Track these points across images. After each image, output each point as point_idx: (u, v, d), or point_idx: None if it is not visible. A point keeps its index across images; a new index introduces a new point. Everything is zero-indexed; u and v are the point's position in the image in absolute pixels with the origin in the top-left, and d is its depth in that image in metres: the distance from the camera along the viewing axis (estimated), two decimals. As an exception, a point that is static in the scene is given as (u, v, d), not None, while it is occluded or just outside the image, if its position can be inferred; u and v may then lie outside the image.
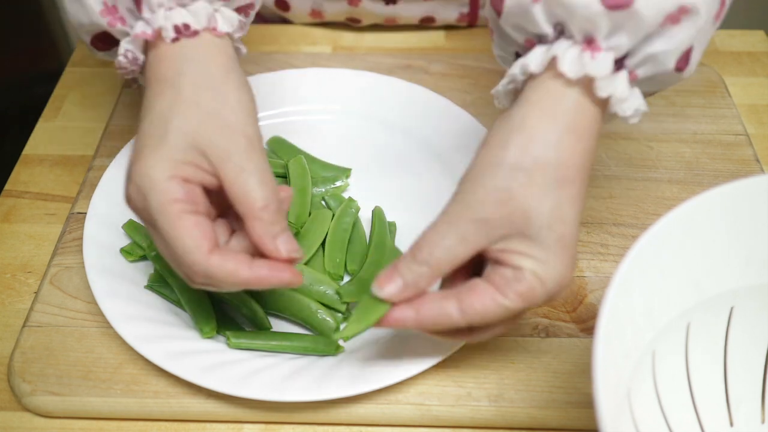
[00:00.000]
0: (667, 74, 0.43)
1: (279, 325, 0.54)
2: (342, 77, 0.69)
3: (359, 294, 0.54)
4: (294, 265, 0.45)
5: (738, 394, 0.46)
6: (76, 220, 0.60)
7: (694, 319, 0.45)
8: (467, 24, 0.80)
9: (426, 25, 0.80)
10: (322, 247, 0.57)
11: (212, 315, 0.52)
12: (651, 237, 0.39)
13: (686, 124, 0.68)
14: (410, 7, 0.77)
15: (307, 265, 0.56)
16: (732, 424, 0.46)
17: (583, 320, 0.54)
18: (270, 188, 0.44)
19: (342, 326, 0.53)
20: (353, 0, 0.76)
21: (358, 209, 0.60)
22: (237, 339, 0.51)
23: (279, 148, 0.65)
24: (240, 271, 0.43)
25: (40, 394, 0.50)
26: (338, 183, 0.62)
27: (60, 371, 0.51)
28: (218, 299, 0.54)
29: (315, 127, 0.67)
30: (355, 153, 0.65)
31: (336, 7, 0.77)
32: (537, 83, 0.43)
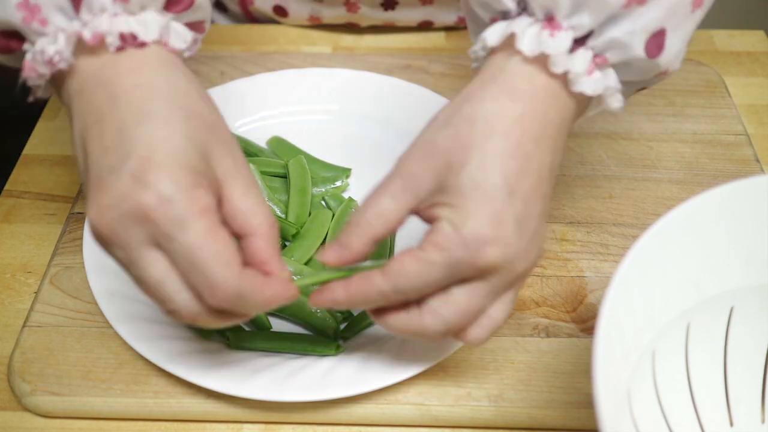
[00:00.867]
0: (641, 60, 0.42)
1: (279, 325, 0.54)
2: (342, 77, 0.69)
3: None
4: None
5: (738, 394, 0.46)
6: (76, 220, 0.60)
7: (694, 319, 0.45)
8: (466, 26, 0.80)
9: (424, 29, 0.80)
10: (322, 247, 0.57)
11: (212, 315, 0.52)
12: (651, 237, 0.39)
13: (686, 124, 0.68)
14: (408, 13, 0.77)
15: (307, 265, 0.56)
16: (732, 424, 0.46)
17: (583, 320, 0.54)
18: (269, 209, 0.42)
19: (342, 326, 0.53)
20: (351, 6, 0.76)
21: (358, 209, 0.60)
22: (237, 339, 0.51)
23: (279, 148, 0.65)
24: (266, 288, 0.39)
25: (40, 394, 0.50)
26: (338, 183, 0.62)
27: (60, 371, 0.51)
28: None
29: (315, 127, 0.67)
30: (355, 153, 0.65)
31: (334, 13, 0.77)
32: (492, 59, 0.43)
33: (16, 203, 0.63)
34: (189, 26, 0.46)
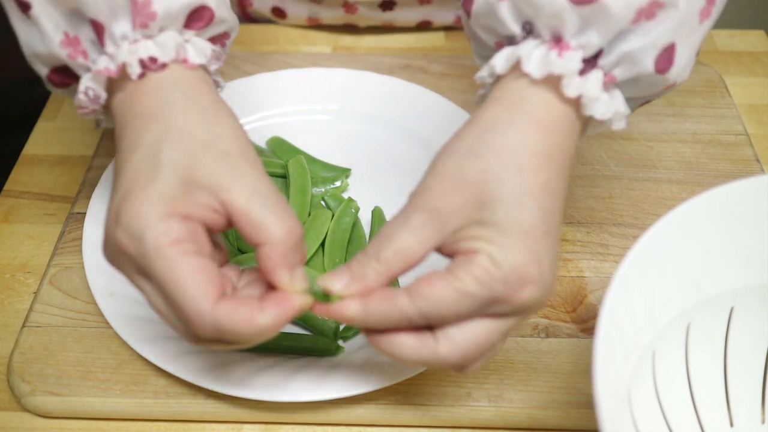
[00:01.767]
0: (650, 76, 0.41)
1: (279, 325, 0.54)
2: (342, 77, 0.69)
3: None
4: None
5: (738, 394, 0.46)
6: (76, 220, 0.60)
7: (694, 319, 0.45)
8: None
9: (423, 29, 0.80)
10: (322, 247, 0.57)
11: (212, 315, 0.52)
12: (651, 237, 0.39)
13: (686, 124, 0.68)
14: (407, 13, 0.77)
15: (307, 265, 0.56)
16: (732, 424, 0.46)
17: (583, 320, 0.54)
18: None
19: (342, 326, 0.53)
20: (350, 8, 0.76)
21: (358, 209, 0.60)
22: (237, 339, 0.51)
23: (279, 148, 0.65)
24: (256, 318, 0.37)
25: (40, 394, 0.50)
26: (338, 183, 0.62)
27: (59, 371, 0.51)
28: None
29: (315, 127, 0.67)
30: (355, 153, 0.65)
31: (332, 14, 0.77)
32: (501, 83, 0.41)
33: (16, 203, 0.63)
34: (213, 39, 0.47)
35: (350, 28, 0.80)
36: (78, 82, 0.44)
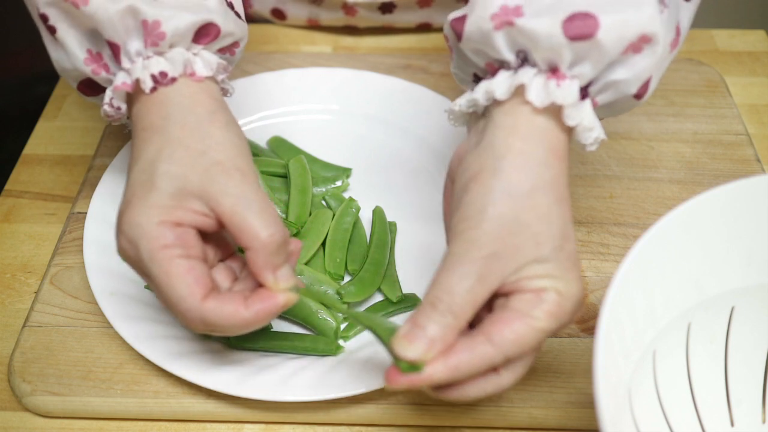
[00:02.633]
0: (627, 101, 0.44)
1: (279, 325, 0.54)
2: (342, 77, 0.69)
3: (360, 294, 0.54)
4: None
5: (739, 394, 0.46)
6: (76, 220, 0.60)
7: (695, 319, 0.45)
8: None
9: (423, 30, 0.80)
10: (323, 247, 0.57)
11: (212, 315, 0.52)
12: (651, 237, 0.39)
13: (687, 124, 0.68)
14: (406, 15, 0.77)
15: (308, 265, 0.56)
16: (733, 424, 0.46)
17: (584, 320, 0.54)
18: (275, 220, 0.43)
19: (342, 326, 0.53)
20: (349, 10, 0.76)
21: (359, 209, 0.60)
22: (237, 339, 0.51)
23: (279, 148, 0.65)
24: (240, 313, 0.42)
25: (40, 394, 0.50)
26: (338, 183, 0.62)
27: (60, 371, 0.51)
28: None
29: (315, 127, 0.67)
30: (355, 153, 0.65)
31: (332, 16, 0.77)
32: (506, 109, 0.42)
33: (16, 203, 0.63)
34: (222, 50, 0.50)
35: (350, 30, 0.80)
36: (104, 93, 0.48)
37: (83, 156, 0.67)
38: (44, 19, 0.46)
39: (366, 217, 0.60)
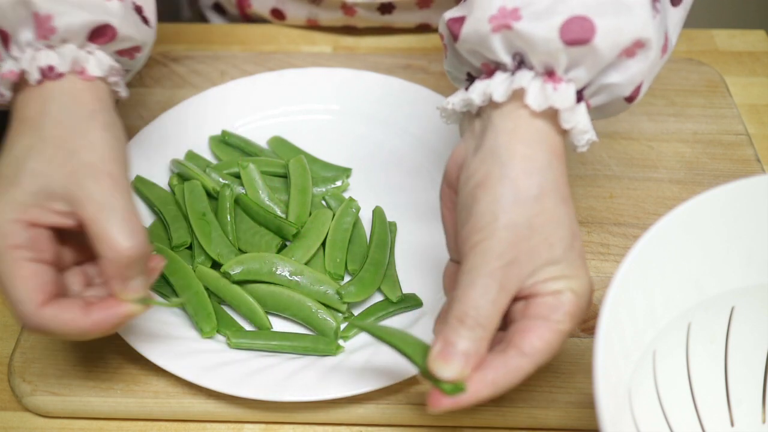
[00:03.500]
0: (618, 104, 0.44)
1: (279, 325, 0.54)
2: (342, 77, 0.69)
3: (360, 294, 0.53)
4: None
5: (739, 394, 0.46)
6: (77, 220, 0.60)
7: (695, 319, 0.45)
8: None
9: (423, 31, 0.80)
10: (323, 247, 0.57)
11: (212, 315, 0.52)
12: (652, 237, 0.39)
13: (687, 124, 0.68)
14: (405, 16, 0.77)
15: (308, 265, 0.56)
16: (733, 424, 0.46)
17: (584, 320, 0.54)
18: (137, 233, 0.42)
19: (342, 326, 0.53)
20: (349, 10, 0.76)
21: (359, 209, 0.60)
22: (237, 339, 0.51)
23: (279, 148, 0.65)
24: (78, 320, 0.42)
25: (41, 394, 0.50)
26: (338, 183, 0.62)
27: (60, 371, 0.51)
28: (219, 299, 0.54)
29: (315, 127, 0.67)
30: (355, 153, 0.65)
31: (331, 16, 0.77)
32: (505, 112, 0.43)
33: (17, 203, 0.63)
34: (121, 52, 0.49)
35: (348, 31, 0.80)
36: None
37: (83, 156, 0.67)
38: None
39: (366, 217, 0.60)
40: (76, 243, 0.45)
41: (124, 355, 0.51)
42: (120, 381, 0.50)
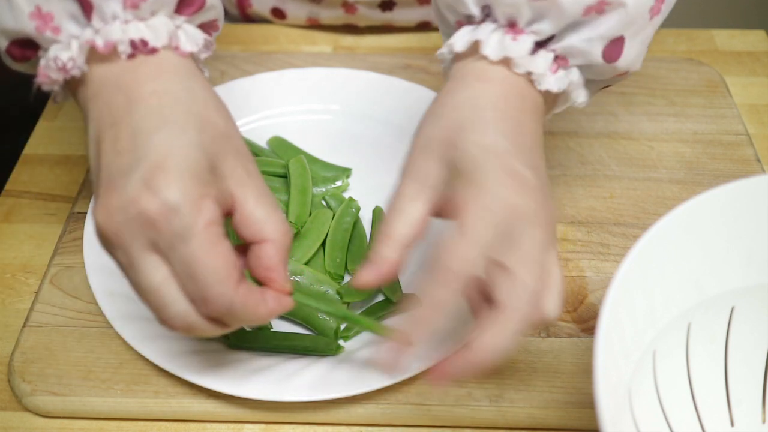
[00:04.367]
0: (600, 65, 0.45)
1: (279, 325, 0.54)
2: (342, 77, 0.69)
3: (360, 294, 0.53)
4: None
5: (739, 394, 0.46)
6: (76, 220, 0.60)
7: (695, 319, 0.45)
8: None
9: (424, 29, 0.80)
10: (323, 247, 0.57)
11: (212, 315, 0.52)
12: (652, 237, 0.39)
13: (687, 124, 0.68)
14: (406, 13, 0.77)
15: (308, 265, 0.56)
16: (733, 424, 0.46)
17: (584, 320, 0.54)
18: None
19: (342, 326, 0.53)
20: (349, 8, 0.76)
21: (359, 209, 0.60)
22: (237, 339, 0.51)
23: (279, 148, 0.65)
24: (259, 307, 0.40)
25: (40, 394, 0.50)
26: (338, 183, 0.62)
27: (60, 371, 0.51)
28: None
29: (315, 127, 0.67)
30: (355, 153, 0.65)
31: (332, 15, 0.77)
32: (463, 63, 0.45)
33: (16, 203, 0.63)
34: (202, 27, 0.47)
35: (350, 28, 0.80)
36: (38, 55, 0.43)
37: (83, 156, 0.67)
38: None
39: (366, 217, 0.60)
40: None
41: (124, 355, 0.51)
42: (120, 381, 0.50)
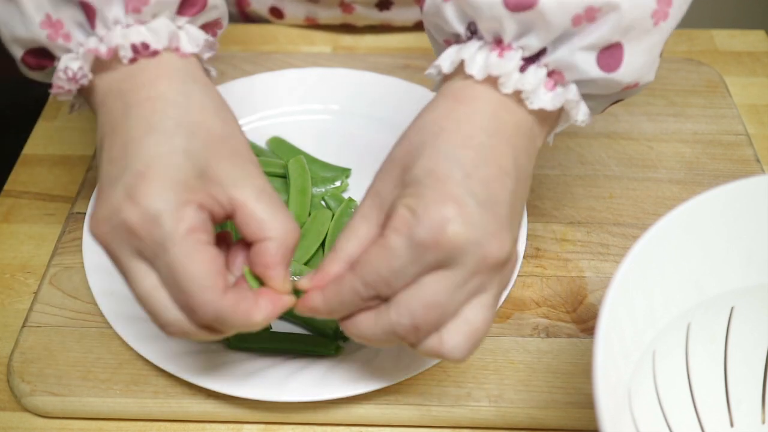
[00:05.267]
0: (600, 78, 0.41)
1: (279, 325, 0.54)
2: (342, 77, 0.69)
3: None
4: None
5: (738, 394, 0.46)
6: (76, 220, 0.60)
7: (695, 319, 0.45)
8: None
9: (422, 29, 0.80)
10: (322, 248, 0.57)
11: (212, 315, 0.52)
12: (651, 237, 0.39)
13: (686, 124, 0.68)
14: (404, 12, 0.77)
15: (307, 265, 0.56)
16: (732, 424, 0.46)
17: (584, 320, 0.54)
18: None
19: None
20: (347, 7, 0.76)
21: (358, 209, 0.60)
22: (236, 339, 0.51)
23: (279, 148, 0.65)
24: (252, 313, 0.39)
25: (40, 395, 0.50)
26: (338, 183, 0.62)
27: (59, 371, 0.51)
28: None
29: (315, 127, 0.67)
30: (355, 153, 0.65)
31: (330, 14, 0.77)
32: (452, 82, 0.43)
33: (16, 203, 0.63)
34: (206, 26, 0.47)
35: (349, 28, 0.80)
36: (53, 64, 0.44)
37: (83, 156, 0.67)
38: None
39: (366, 217, 0.60)
40: None
41: (124, 355, 0.51)
42: (119, 381, 0.50)
